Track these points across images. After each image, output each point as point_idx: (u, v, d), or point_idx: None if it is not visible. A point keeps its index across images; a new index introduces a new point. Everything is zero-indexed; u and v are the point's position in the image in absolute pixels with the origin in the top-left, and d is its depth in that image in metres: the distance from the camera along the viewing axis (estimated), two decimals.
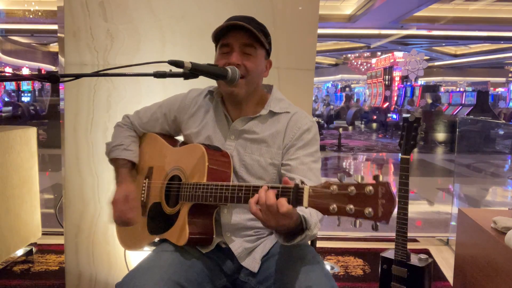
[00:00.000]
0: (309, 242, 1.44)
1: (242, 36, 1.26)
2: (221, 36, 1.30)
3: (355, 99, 18.32)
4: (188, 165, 1.30)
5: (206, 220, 1.27)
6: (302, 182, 0.98)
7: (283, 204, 0.98)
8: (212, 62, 1.30)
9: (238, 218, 1.31)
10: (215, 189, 1.16)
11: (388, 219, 0.87)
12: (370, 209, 0.87)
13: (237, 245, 1.31)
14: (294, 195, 0.98)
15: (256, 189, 1.07)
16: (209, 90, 1.43)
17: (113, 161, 1.48)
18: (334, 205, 0.91)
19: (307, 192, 0.96)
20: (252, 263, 1.30)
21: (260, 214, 1.03)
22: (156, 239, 1.37)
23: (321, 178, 1.31)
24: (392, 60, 14.70)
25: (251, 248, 1.32)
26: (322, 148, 8.79)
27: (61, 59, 1.97)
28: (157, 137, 1.48)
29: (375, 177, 0.89)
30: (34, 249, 2.74)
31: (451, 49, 15.98)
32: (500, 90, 19.20)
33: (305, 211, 1.07)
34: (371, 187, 0.88)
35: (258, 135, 1.33)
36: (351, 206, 0.89)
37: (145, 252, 1.38)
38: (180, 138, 1.53)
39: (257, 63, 1.30)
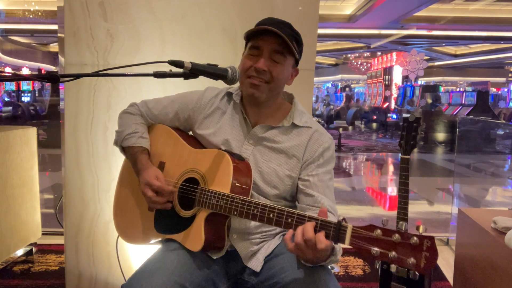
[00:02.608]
0: None
1: (274, 42, 1.25)
2: (252, 36, 1.28)
3: (355, 99, 18.32)
4: (208, 170, 1.27)
5: (220, 228, 1.26)
6: (344, 219, 0.99)
7: (321, 241, 0.98)
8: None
9: (247, 223, 1.31)
10: (241, 204, 1.15)
11: (428, 272, 0.89)
12: (413, 259, 0.89)
13: (243, 247, 1.31)
14: (336, 232, 0.99)
15: (290, 215, 1.07)
16: (228, 91, 1.42)
17: (128, 149, 1.43)
18: (377, 249, 0.93)
19: (349, 232, 0.97)
20: (255, 263, 1.30)
21: (295, 251, 1.03)
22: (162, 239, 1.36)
23: (334, 196, 1.33)
24: (392, 63, 14.70)
25: (256, 250, 1.32)
26: None
27: (61, 59, 1.97)
28: (171, 131, 1.43)
29: (417, 228, 0.92)
30: (34, 249, 2.74)
31: (451, 49, 16.00)
32: (493, 90, 19.09)
33: None
34: (416, 239, 0.90)
35: (279, 145, 1.32)
36: (394, 253, 0.91)
37: (146, 250, 1.37)
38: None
39: (284, 71, 1.29)
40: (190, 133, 1.48)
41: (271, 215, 1.10)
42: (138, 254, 1.96)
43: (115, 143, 1.48)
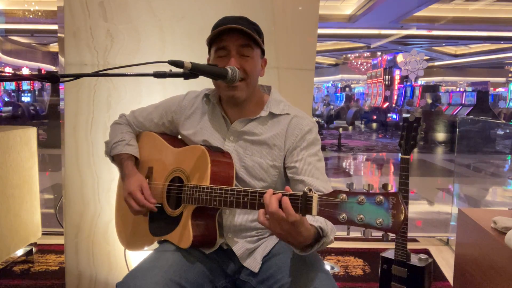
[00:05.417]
0: None
1: (238, 37, 1.25)
2: (215, 39, 1.28)
3: (355, 99, 18.32)
4: (189, 166, 1.29)
5: (209, 222, 1.27)
6: (310, 190, 0.97)
7: (291, 213, 0.97)
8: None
9: (240, 219, 1.31)
10: (219, 193, 1.16)
11: (398, 231, 0.87)
12: (380, 219, 0.87)
13: (238, 246, 1.31)
14: (303, 203, 0.97)
15: (262, 194, 1.06)
16: (205, 93, 1.43)
17: (116, 157, 1.46)
18: (344, 215, 0.91)
19: (316, 201, 0.95)
20: (253, 263, 1.30)
21: (267, 223, 1.02)
22: (158, 241, 1.37)
23: (326, 176, 1.30)
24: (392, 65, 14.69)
25: (252, 249, 1.32)
26: (322, 148, 8.75)
27: (61, 59, 1.97)
28: (155, 136, 1.47)
29: (384, 186, 0.89)
30: (34, 249, 2.74)
31: (451, 49, 16.00)
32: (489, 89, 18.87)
33: (319, 219, 1.06)
34: (381, 197, 0.87)
35: (259, 137, 1.32)
36: (361, 216, 0.89)
37: (146, 252, 1.38)
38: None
39: (255, 64, 1.29)
40: (179, 136, 1.51)
41: (245, 199, 1.09)
42: (143, 256, 1.96)
43: (105, 154, 1.52)
